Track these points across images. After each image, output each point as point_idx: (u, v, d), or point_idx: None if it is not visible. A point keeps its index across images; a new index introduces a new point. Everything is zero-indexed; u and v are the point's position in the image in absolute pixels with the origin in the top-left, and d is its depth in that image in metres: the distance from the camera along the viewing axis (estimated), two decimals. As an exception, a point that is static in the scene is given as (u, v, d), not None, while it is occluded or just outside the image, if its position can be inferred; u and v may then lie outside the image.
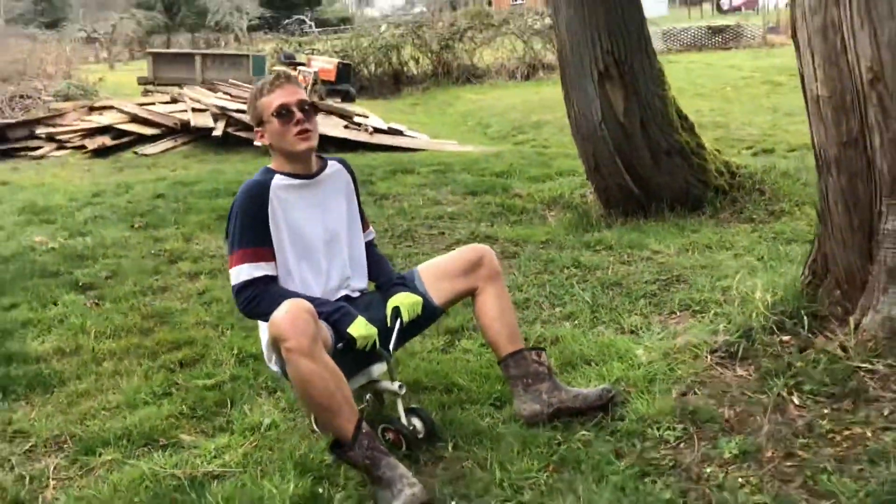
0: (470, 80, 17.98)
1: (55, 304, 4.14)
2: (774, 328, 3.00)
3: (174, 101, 11.61)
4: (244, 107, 10.15)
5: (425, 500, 2.17)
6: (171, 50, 26.70)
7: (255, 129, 2.59)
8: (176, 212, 6.00)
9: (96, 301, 4.20)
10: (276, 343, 2.25)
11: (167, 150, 9.53)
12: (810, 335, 2.92)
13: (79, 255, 4.97)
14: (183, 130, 10.02)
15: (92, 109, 11.35)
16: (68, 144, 9.94)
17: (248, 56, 17.09)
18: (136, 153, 9.35)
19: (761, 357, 2.88)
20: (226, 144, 9.54)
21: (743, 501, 2.13)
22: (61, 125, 10.54)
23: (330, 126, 9.63)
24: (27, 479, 2.54)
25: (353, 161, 8.55)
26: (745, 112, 11.25)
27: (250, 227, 2.46)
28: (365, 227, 2.81)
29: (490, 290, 2.66)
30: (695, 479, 2.28)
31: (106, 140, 9.78)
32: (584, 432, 2.52)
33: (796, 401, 2.61)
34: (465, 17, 18.88)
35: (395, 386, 2.55)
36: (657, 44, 23.02)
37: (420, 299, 2.59)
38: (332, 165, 2.70)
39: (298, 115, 2.47)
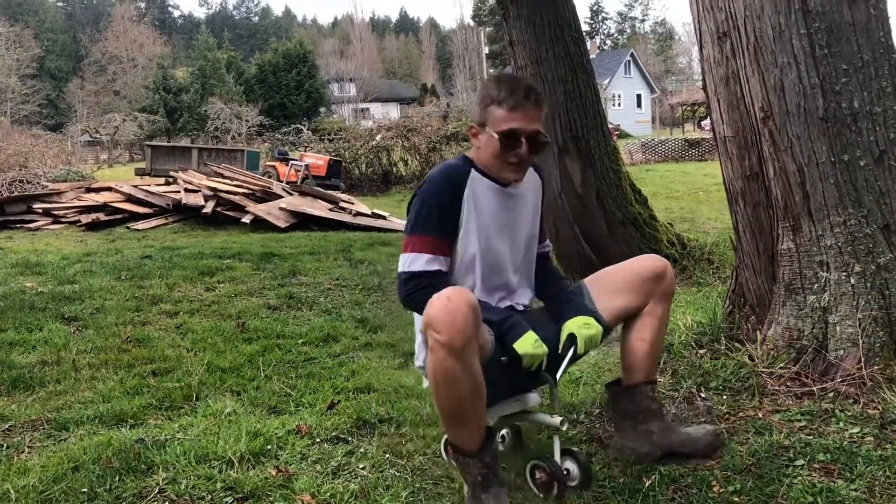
0: (455, 181, 18.72)
1: (40, 330, 4.42)
2: (693, 345, 3.34)
3: (168, 183, 12.14)
4: (234, 188, 10.66)
5: None
6: (169, 143, 27.68)
7: (471, 125, 2.33)
8: (161, 268, 6.33)
9: (79, 328, 4.49)
10: (425, 329, 2.03)
11: (159, 226, 9.94)
12: (726, 351, 3.26)
13: (66, 297, 5.27)
14: (175, 210, 10.47)
15: (89, 190, 11.84)
16: (64, 219, 10.34)
17: (242, 151, 17.83)
18: (128, 228, 9.76)
19: (678, 365, 3.21)
20: (215, 222, 9.97)
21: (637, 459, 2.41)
22: (58, 202, 10.98)
23: (315, 208, 10.10)
24: (4, 447, 2.79)
25: (334, 238, 8.84)
26: (712, 210, 11.80)
27: (438, 214, 2.22)
28: (542, 238, 2.52)
29: (659, 310, 2.40)
30: (603, 445, 2.57)
31: (100, 216, 10.19)
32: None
33: (703, 394, 2.93)
34: (453, 123, 19.81)
35: (557, 420, 2.24)
36: (637, 155, 24.15)
37: (600, 331, 2.27)
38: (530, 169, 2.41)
39: (524, 148, 2.21)
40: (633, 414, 2.41)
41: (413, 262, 2.21)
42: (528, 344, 2.11)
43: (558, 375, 2.26)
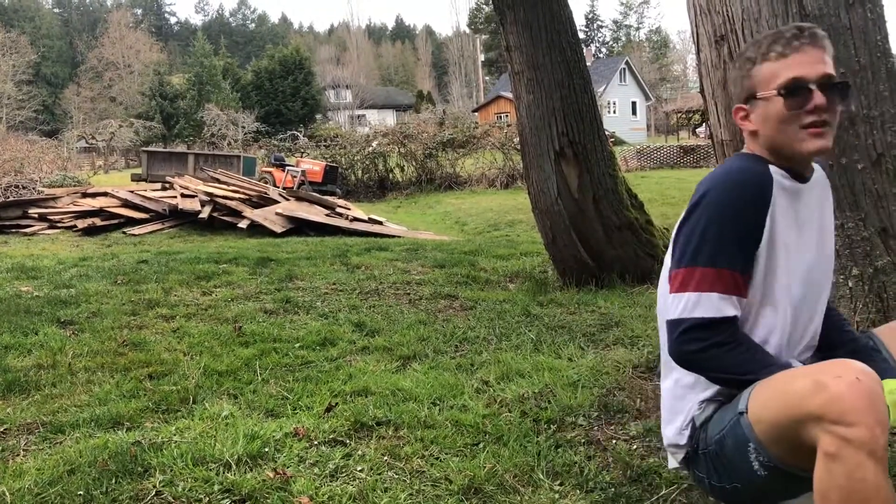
0: (451, 187, 18.84)
1: (36, 333, 4.40)
2: (691, 348, 3.34)
3: (164, 188, 12.14)
4: (231, 193, 10.65)
5: None
6: (165, 149, 27.69)
7: (739, 105, 1.76)
8: (158, 272, 6.32)
9: (75, 332, 4.47)
10: (814, 420, 1.42)
11: (155, 231, 9.94)
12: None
13: (62, 301, 5.25)
14: (171, 215, 10.46)
15: (85, 195, 11.83)
16: (60, 224, 10.34)
17: (239, 156, 17.84)
18: (124, 233, 9.75)
19: (676, 368, 3.20)
20: (211, 227, 9.98)
21: (636, 462, 2.41)
22: (54, 207, 10.97)
23: (312, 213, 10.11)
24: (0, 450, 2.77)
25: (331, 243, 8.84)
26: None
27: (736, 237, 1.62)
28: None
29: None
30: (601, 448, 2.56)
31: (96, 220, 10.19)
32: (507, 414, 2.81)
33: (701, 397, 2.92)
34: (449, 130, 19.89)
35: None
36: (632, 162, 24.20)
37: None
38: (817, 168, 1.82)
39: (818, 98, 1.63)
40: None
41: (699, 304, 1.61)
42: None
43: None
